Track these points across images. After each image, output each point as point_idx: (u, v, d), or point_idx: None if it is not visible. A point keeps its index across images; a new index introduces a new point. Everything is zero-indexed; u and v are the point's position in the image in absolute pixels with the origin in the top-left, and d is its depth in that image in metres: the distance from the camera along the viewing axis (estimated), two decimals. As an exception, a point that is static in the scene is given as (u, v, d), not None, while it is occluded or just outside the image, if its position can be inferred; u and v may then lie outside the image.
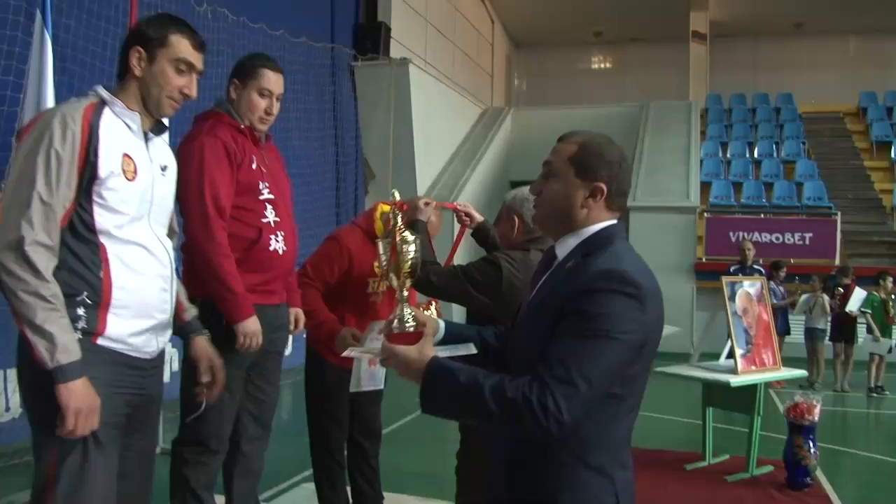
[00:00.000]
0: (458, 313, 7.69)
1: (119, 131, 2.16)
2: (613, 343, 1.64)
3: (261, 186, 2.93)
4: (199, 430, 2.86)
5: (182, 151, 2.83)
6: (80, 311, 2.07)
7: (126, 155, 2.15)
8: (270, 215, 2.94)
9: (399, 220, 1.92)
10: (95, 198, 2.10)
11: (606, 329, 1.64)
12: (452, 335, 1.97)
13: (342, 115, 10.90)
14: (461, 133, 14.87)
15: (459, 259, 3.30)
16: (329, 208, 10.02)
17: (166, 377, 3.11)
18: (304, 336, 3.62)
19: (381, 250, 1.92)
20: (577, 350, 1.63)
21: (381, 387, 3.53)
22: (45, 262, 1.99)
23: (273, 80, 2.99)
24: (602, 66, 22.32)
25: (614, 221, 1.84)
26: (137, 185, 2.18)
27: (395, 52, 12.11)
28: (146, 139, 2.26)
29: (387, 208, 3.36)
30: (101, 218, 2.11)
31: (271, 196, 2.96)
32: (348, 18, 11.70)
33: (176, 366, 5.97)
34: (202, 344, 2.49)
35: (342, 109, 10.92)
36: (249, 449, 3.08)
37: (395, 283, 1.93)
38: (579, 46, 21.77)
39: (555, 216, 1.85)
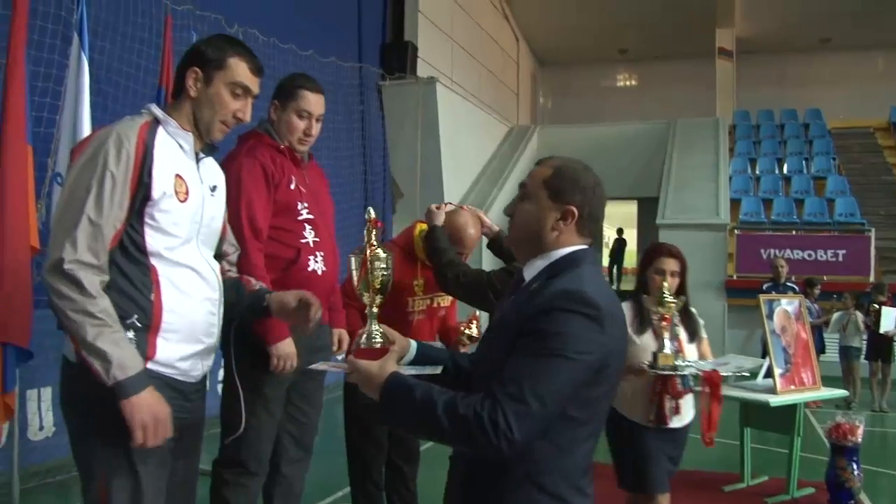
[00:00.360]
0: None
1: (172, 151, 2.14)
2: (569, 363, 1.63)
3: (299, 207, 2.92)
4: (238, 452, 2.84)
5: (224, 171, 2.84)
6: (131, 334, 2.03)
7: (178, 175, 2.12)
8: (309, 235, 2.93)
9: (372, 236, 1.95)
10: (147, 219, 2.07)
11: (562, 348, 1.63)
12: (424, 357, 1.96)
13: (370, 135, 10.93)
14: (488, 151, 14.87)
15: (475, 265, 3.30)
16: (357, 227, 9.90)
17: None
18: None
19: (352, 266, 1.95)
20: (531, 368, 1.62)
21: None
22: (91, 278, 1.95)
23: (313, 101, 2.98)
24: (627, 83, 22.30)
25: (584, 246, 1.84)
26: (188, 206, 2.15)
27: (422, 71, 12.14)
28: (197, 159, 2.23)
29: (424, 227, 3.38)
30: (151, 240, 2.08)
31: (310, 216, 2.94)
32: (375, 38, 11.75)
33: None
34: (277, 296, 2.38)
35: (370, 129, 10.95)
36: (290, 471, 3.05)
37: (365, 299, 1.95)
38: (604, 64, 21.77)
39: (526, 238, 1.86)
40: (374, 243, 1.95)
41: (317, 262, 2.94)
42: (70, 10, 5.32)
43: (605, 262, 21.08)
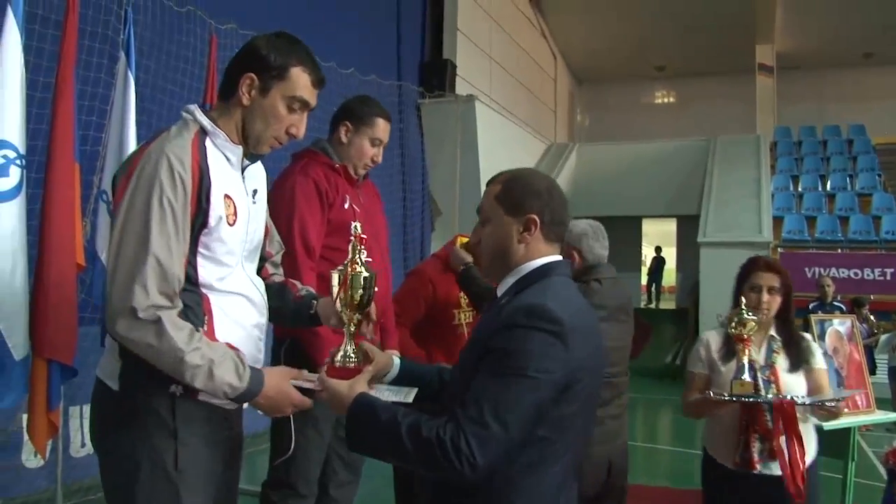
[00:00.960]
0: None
1: (222, 167, 1.97)
2: (530, 382, 1.58)
3: (351, 227, 2.90)
4: (287, 474, 2.81)
5: (276, 190, 2.82)
6: None
7: (227, 196, 1.96)
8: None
9: (356, 253, 1.93)
10: (201, 249, 1.93)
11: (524, 367, 1.58)
12: (409, 373, 1.93)
13: (409, 152, 10.94)
14: (526, 169, 14.81)
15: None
16: (396, 244, 10.01)
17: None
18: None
19: (333, 282, 1.93)
20: (492, 389, 1.58)
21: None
22: (169, 317, 1.81)
23: (384, 130, 3.00)
24: (665, 100, 22.17)
25: (556, 257, 1.80)
26: (237, 229, 2.01)
27: (461, 88, 12.16)
28: (242, 169, 2.07)
29: (465, 239, 3.39)
30: (204, 271, 1.95)
31: (364, 236, 2.92)
32: (414, 57, 11.79)
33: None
34: (326, 302, 2.22)
35: (409, 146, 10.96)
36: (338, 494, 3.02)
37: (344, 317, 1.94)
38: (642, 81, 21.68)
39: (495, 259, 1.82)
40: (358, 261, 1.93)
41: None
42: (117, 29, 5.38)
43: (644, 280, 20.90)
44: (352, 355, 1.93)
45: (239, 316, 2.03)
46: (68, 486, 4.83)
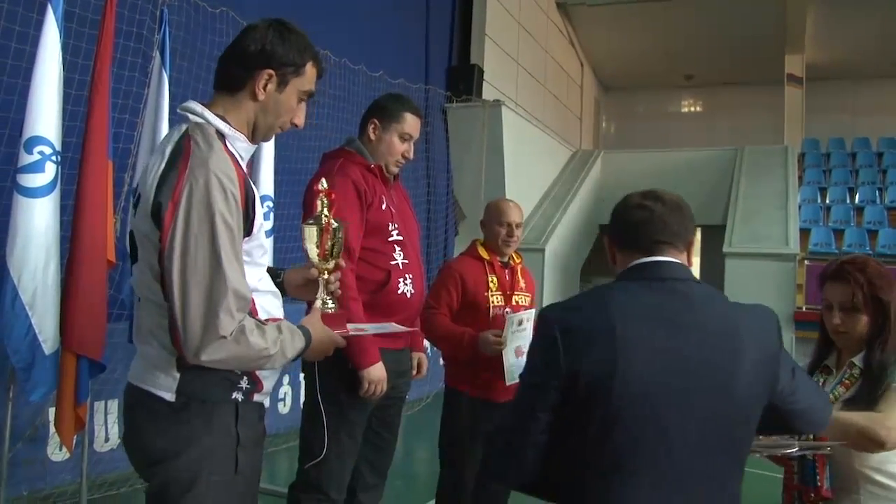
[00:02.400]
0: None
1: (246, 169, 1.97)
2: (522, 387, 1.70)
3: (390, 228, 2.89)
4: (319, 477, 2.79)
5: (312, 189, 2.82)
6: (238, 370, 1.94)
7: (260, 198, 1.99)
8: (399, 257, 2.90)
9: (324, 207, 2.03)
10: (245, 257, 1.91)
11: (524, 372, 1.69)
12: None
13: (434, 156, 10.95)
14: (552, 175, 14.79)
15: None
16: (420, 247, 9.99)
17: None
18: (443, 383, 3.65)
19: (306, 235, 2.01)
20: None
21: None
22: (248, 328, 1.82)
23: (414, 126, 2.99)
24: (692, 109, 22.01)
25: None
26: (261, 229, 2.01)
27: (487, 93, 12.14)
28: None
29: (482, 247, 3.60)
30: (249, 275, 1.92)
31: (400, 238, 2.91)
32: (442, 61, 11.81)
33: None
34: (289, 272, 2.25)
35: (435, 150, 10.97)
36: (366, 498, 3.01)
37: (320, 267, 2.05)
38: (669, 90, 21.53)
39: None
40: (328, 214, 2.03)
41: (406, 284, 2.91)
42: (151, 29, 5.44)
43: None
44: (329, 302, 2.06)
45: (276, 313, 2.06)
46: (92, 480, 4.87)
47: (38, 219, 3.80)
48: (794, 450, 2.16)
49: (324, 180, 2.07)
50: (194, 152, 1.84)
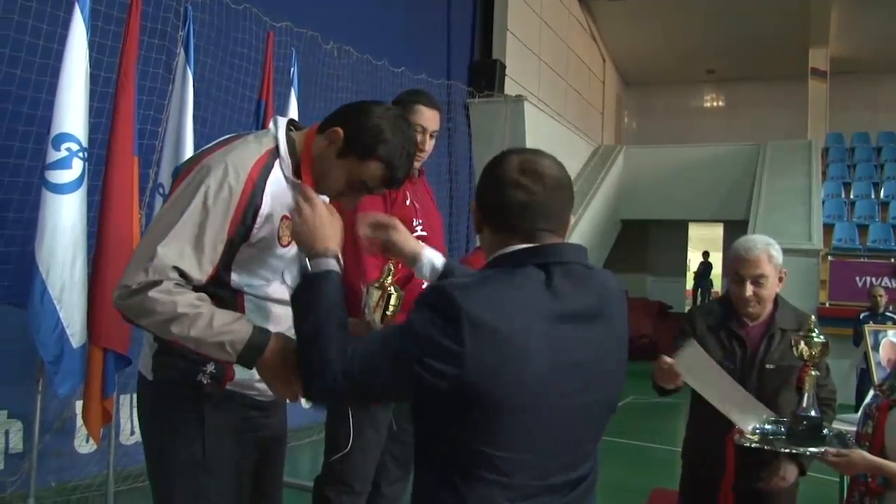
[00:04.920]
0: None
1: (282, 190, 1.92)
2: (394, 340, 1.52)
3: (414, 223, 2.89)
4: (344, 471, 2.81)
5: None
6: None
7: (286, 217, 1.90)
8: None
9: (390, 274, 1.94)
10: (235, 267, 1.91)
11: None
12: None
13: (456, 151, 10.96)
14: (573, 171, 14.75)
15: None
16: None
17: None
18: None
19: (369, 298, 1.93)
20: None
21: None
22: (165, 288, 1.75)
23: (427, 117, 2.96)
24: (714, 104, 21.89)
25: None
26: (290, 249, 1.98)
27: (509, 89, 12.13)
28: None
29: None
30: (237, 277, 1.94)
31: (424, 233, 2.91)
32: (464, 56, 11.82)
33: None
34: None
35: (456, 146, 10.98)
36: (390, 491, 3.02)
37: (376, 325, 1.91)
38: (691, 84, 21.43)
39: None
40: (392, 281, 1.94)
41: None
42: (175, 26, 5.49)
43: (689, 285, 20.69)
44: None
45: (276, 317, 2.00)
46: (118, 472, 4.93)
47: (66, 214, 3.85)
48: (821, 450, 2.38)
49: (391, 265, 1.98)
50: (232, 144, 1.91)
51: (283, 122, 2.00)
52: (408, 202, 2.91)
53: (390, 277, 1.95)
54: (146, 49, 5.25)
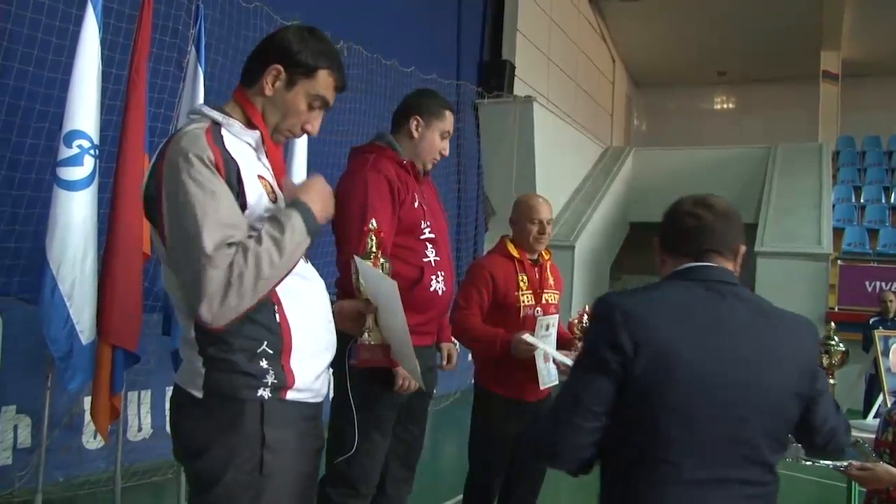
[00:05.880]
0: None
1: (244, 152, 1.89)
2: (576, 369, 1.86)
3: (423, 225, 2.89)
4: (349, 472, 2.80)
5: (344, 184, 2.82)
6: (264, 363, 1.85)
7: (260, 177, 1.90)
8: (431, 254, 2.90)
9: (375, 244, 2.11)
10: (251, 232, 1.81)
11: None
12: None
13: (465, 152, 10.96)
14: (582, 172, 14.73)
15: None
16: (449, 243, 10.00)
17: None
18: (472, 381, 3.65)
19: (360, 268, 2.07)
20: None
21: (556, 382, 3.47)
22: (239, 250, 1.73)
23: (451, 123, 3.03)
24: (725, 106, 21.80)
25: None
26: (279, 205, 1.92)
27: (519, 89, 12.12)
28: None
29: (512, 247, 3.55)
30: None
31: (432, 235, 2.91)
32: (473, 56, 11.82)
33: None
34: (339, 305, 2.21)
35: (465, 146, 10.98)
36: (394, 491, 3.02)
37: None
38: (701, 86, 21.33)
39: None
40: (379, 255, 2.11)
41: (438, 281, 2.91)
42: (186, 24, 5.50)
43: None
44: (377, 333, 2.12)
45: (306, 299, 1.96)
46: (126, 469, 4.95)
47: (77, 211, 3.87)
48: (844, 464, 2.42)
49: (374, 220, 2.11)
50: (170, 145, 1.84)
51: (199, 106, 2.00)
52: (416, 204, 2.91)
53: (376, 248, 2.07)
54: (158, 47, 5.27)
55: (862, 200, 14.37)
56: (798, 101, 18.90)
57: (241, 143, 1.90)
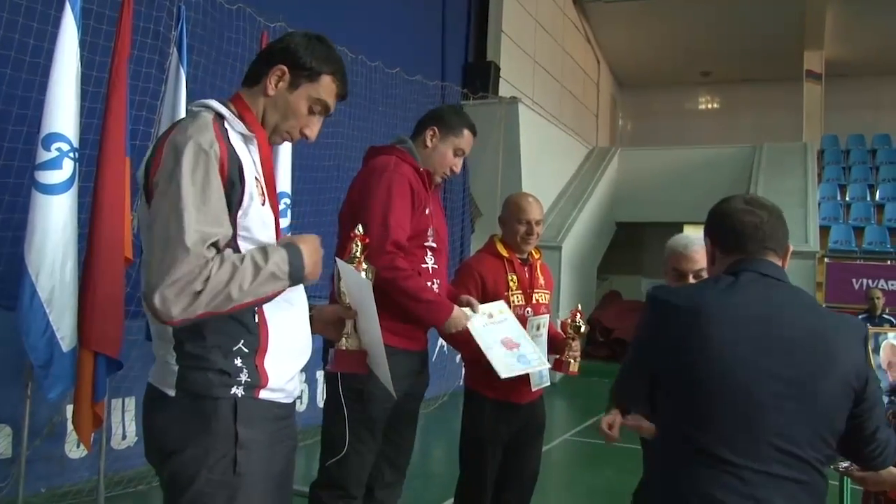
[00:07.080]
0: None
1: (243, 150, 1.90)
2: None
3: (429, 233, 2.93)
4: (339, 475, 2.79)
5: (366, 181, 2.85)
6: (238, 361, 1.85)
7: (255, 178, 1.90)
8: (430, 262, 2.94)
9: (359, 250, 2.05)
10: (241, 231, 1.84)
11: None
12: None
13: (450, 153, 10.91)
14: (568, 173, 14.74)
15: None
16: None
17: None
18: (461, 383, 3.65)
19: (343, 270, 2.03)
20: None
21: (548, 384, 3.48)
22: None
23: (469, 143, 3.06)
24: (709, 106, 21.88)
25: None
26: (267, 209, 1.93)
27: (504, 90, 12.12)
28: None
29: (501, 245, 3.51)
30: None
31: (434, 245, 2.96)
32: (458, 58, 11.80)
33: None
34: (319, 310, 2.20)
35: (450, 147, 10.93)
36: (384, 495, 3.00)
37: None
38: (686, 87, 21.40)
39: None
40: (363, 259, 2.05)
41: (433, 288, 2.92)
42: (168, 26, 5.43)
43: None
44: (356, 340, 2.09)
45: (287, 301, 1.95)
46: (110, 478, 4.88)
47: (56, 216, 3.80)
48: (846, 464, 2.39)
49: (360, 227, 2.08)
50: (177, 127, 1.85)
51: (205, 100, 1.97)
52: (427, 212, 2.94)
53: (360, 253, 2.04)
54: (139, 49, 5.20)
55: (847, 199, 14.45)
56: (782, 100, 18.99)
57: (240, 138, 1.92)
